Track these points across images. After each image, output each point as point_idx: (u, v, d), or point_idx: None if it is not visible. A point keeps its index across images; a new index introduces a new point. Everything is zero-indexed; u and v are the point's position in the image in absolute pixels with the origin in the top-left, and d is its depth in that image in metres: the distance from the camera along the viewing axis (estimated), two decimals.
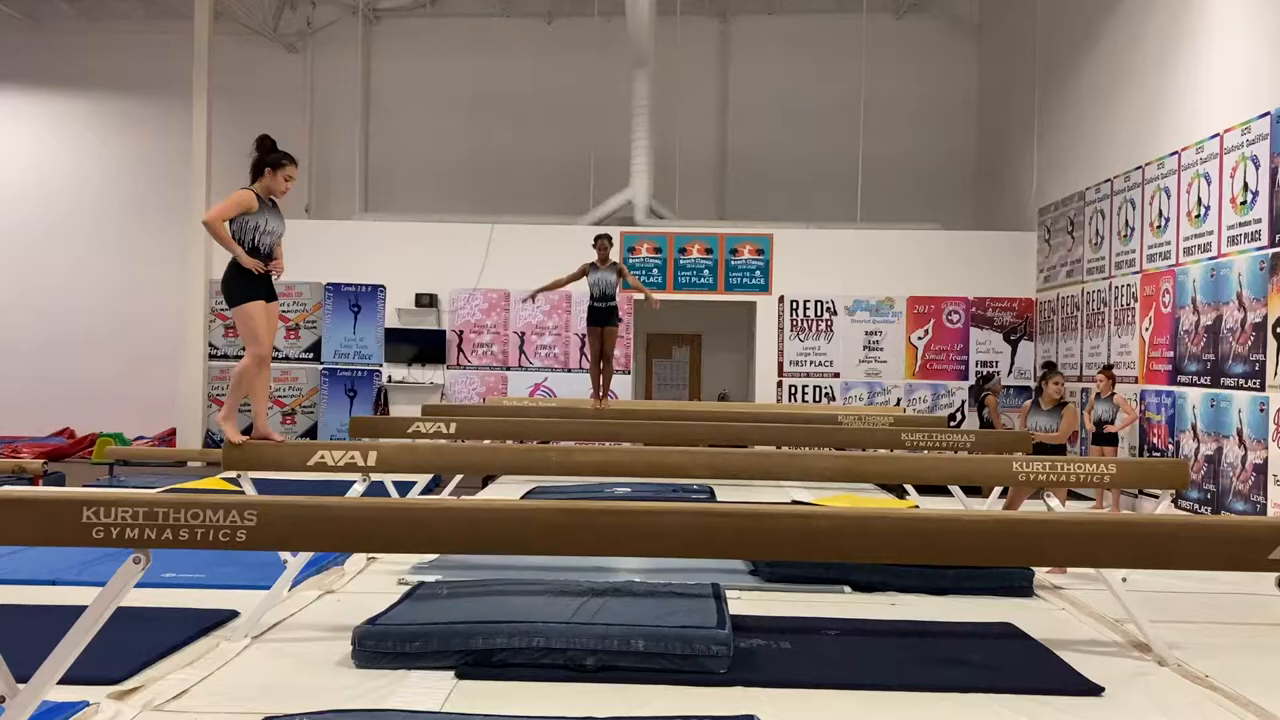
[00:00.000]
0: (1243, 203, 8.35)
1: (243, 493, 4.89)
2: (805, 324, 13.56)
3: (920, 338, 13.47)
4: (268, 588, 4.55)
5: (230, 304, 5.03)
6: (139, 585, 2.88)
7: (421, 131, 15.75)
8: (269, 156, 5.01)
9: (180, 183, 14.13)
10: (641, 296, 9.31)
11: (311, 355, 13.88)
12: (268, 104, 15.43)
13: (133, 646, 3.94)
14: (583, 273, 8.82)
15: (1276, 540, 2.66)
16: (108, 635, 3.03)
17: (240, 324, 5.05)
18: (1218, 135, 8.77)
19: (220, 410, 5.27)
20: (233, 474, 5.21)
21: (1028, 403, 8.23)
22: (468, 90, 15.61)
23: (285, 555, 4.82)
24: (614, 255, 9.12)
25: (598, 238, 8.96)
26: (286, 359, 13.85)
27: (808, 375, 13.53)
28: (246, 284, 4.96)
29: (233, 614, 4.59)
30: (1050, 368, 8.56)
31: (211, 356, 13.87)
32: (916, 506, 7.40)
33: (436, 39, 15.82)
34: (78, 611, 2.85)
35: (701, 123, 15.53)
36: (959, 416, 13.11)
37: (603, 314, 8.91)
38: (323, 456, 4.82)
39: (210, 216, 4.94)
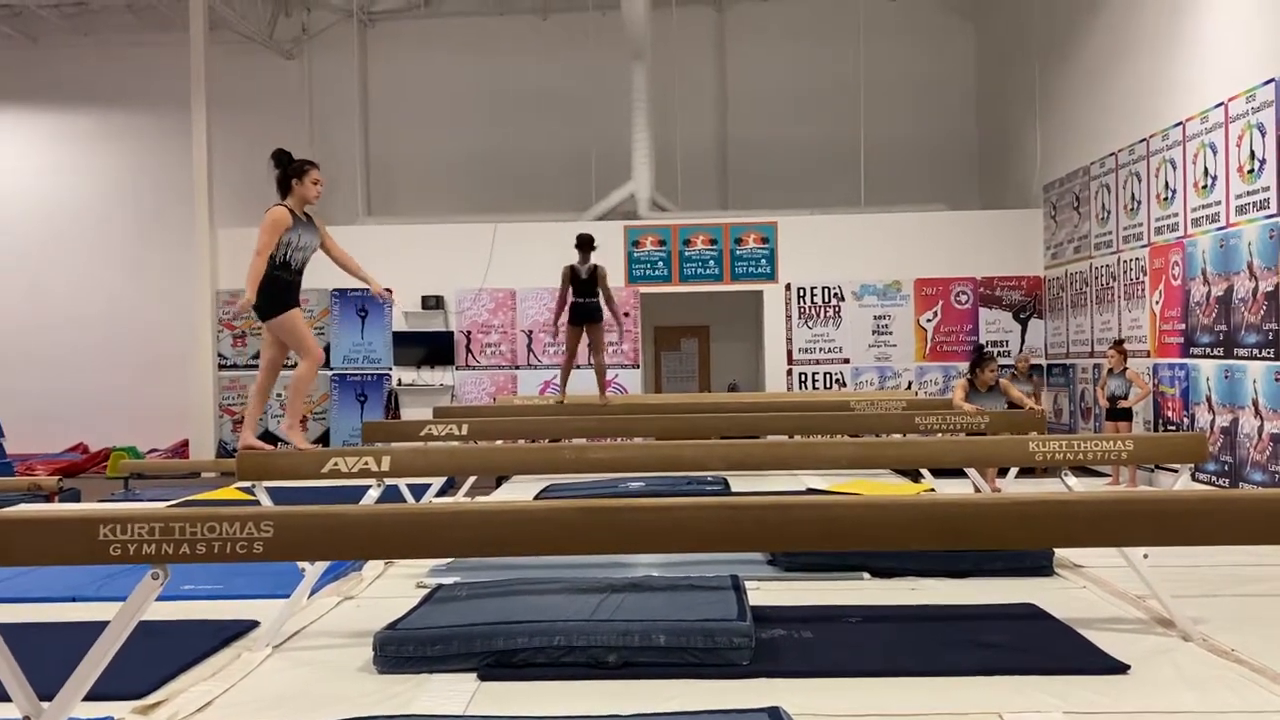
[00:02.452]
0: (1250, 171, 8.29)
1: (258, 503, 4.90)
2: (813, 310, 13.53)
3: (929, 320, 13.43)
4: (286, 596, 4.54)
5: (265, 319, 5.06)
6: (158, 599, 2.88)
7: (421, 134, 15.74)
8: (290, 167, 5.03)
9: (183, 193, 14.16)
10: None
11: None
12: (267, 111, 15.45)
13: (154, 660, 3.93)
14: (568, 280, 8.79)
15: None
16: (129, 650, 3.02)
17: (286, 334, 5.08)
18: (1222, 104, 8.70)
19: (284, 420, 5.32)
20: (247, 484, 5.20)
21: (963, 381, 8.54)
22: (466, 90, 15.60)
23: (303, 564, 4.81)
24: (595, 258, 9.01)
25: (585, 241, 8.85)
26: (296, 366, 13.86)
27: (817, 362, 13.50)
28: (278, 297, 5.00)
29: (253, 624, 4.59)
30: (980, 351, 8.84)
31: (221, 366, 13.90)
32: (932, 490, 7.39)
33: (432, 40, 15.80)
34: (98, 628, 2.85)
35: (701, 113, 15.50)
36: None
37: (584, 310, 8.86)
38: (336, 464, 4.82)
39: (259, 250, 4.96)
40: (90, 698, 2.92)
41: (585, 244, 8.83)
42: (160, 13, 15.10)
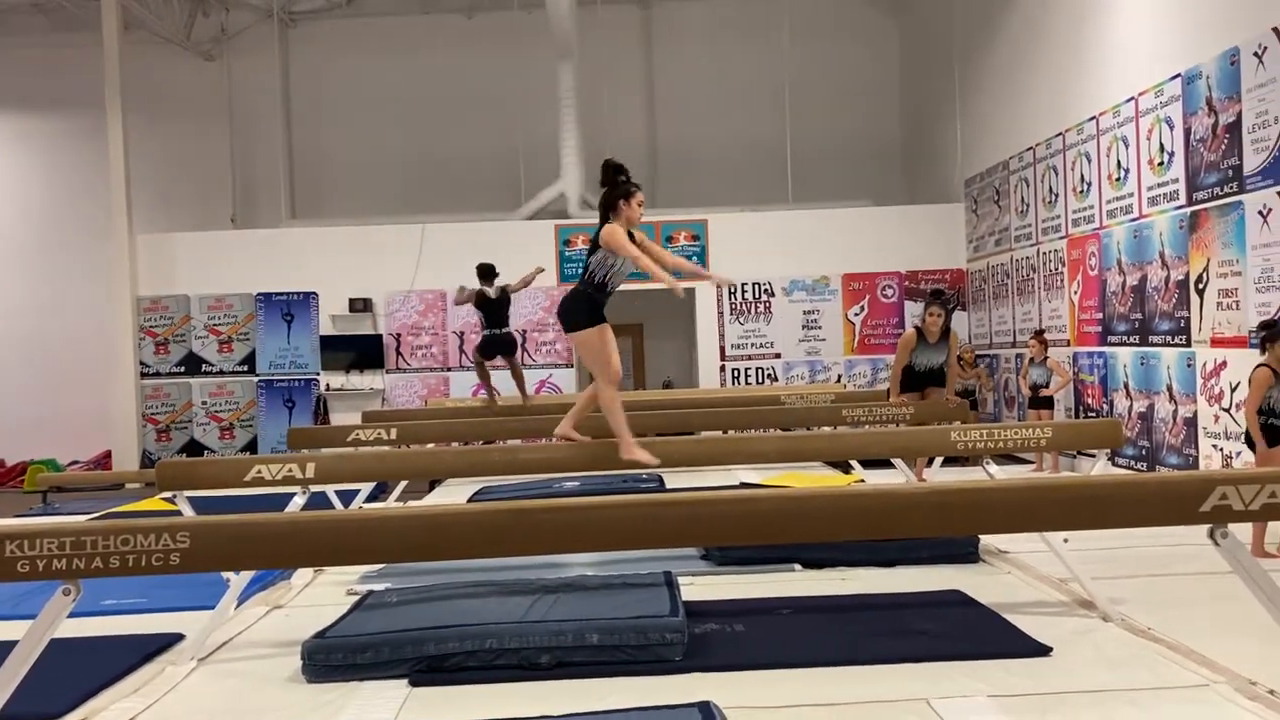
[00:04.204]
0: (1160, 164, 8.55)
1: (179, 514, 4.79)
2: (744, 307, 13.63)
3: (856, 314, 13.61)
4: (212, 607, 4.45)
5: (569, 331, 5.01)
6: (78, 615, 2.81)
7: (346, 134, 15.51)
8: (619, 189, 4.95)
9: (99, 198, 13.76)
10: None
11: (246, 368, 13.62)
12: (186, 114, 15.11)
13: (74, 679, 3.83)
14: (480, 298, 8.75)
15: (1205, 494, 2.72)
16: (47, 669, 2.94)
17: (586, 351, 5.01)
18: (1132, 99, 8.95)
19: (620, 443, 4.95)
20: (171, 494, 5.09)
21: (912, 331, 8.57)
22: (391, 90, 15.39)
23: (228, 574, 4.72)
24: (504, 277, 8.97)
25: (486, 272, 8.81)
26: (221, 373, 13.60)
27: (749, 358, 13.61)
28: (586, 311, 4.93)
29: (177, 637, 4.49)
30: (932, 294, 8.75)
31: (144, 375, 13.56)
32: (862, 481, 7.50)
33: (355, 40, 15.58)
34: (9, 648, 2.77)
35: (629, 111, 15.50)
36: None
37: (501, 342, 8.82)
38: (259, 471, 4.72)
39: (631, 253, 4.82)
40: None
41: (488, 273, 8.82)
42: (71, 13, 14.66)
